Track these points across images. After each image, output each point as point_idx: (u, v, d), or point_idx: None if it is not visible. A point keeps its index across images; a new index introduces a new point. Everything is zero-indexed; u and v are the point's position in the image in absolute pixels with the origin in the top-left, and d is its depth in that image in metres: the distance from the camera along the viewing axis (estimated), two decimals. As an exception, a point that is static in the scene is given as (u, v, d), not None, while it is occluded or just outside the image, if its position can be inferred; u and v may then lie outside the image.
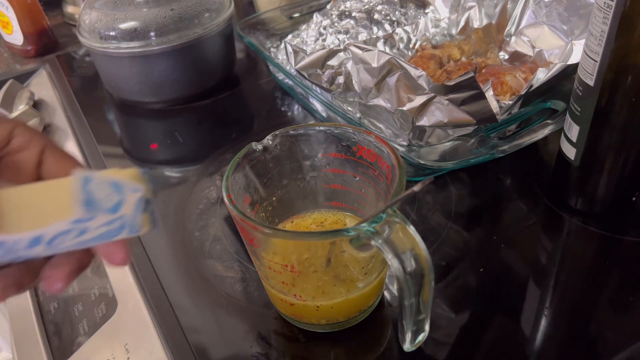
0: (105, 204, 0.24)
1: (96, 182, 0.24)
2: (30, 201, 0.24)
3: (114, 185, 0.24)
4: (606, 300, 0.37)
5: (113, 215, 0.24)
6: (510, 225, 0.44)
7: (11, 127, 0.26)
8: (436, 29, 0.66)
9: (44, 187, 0.25)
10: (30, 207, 0.24)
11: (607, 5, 0.33)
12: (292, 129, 0.36)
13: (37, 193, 0.25)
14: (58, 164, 0.26)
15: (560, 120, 0.45)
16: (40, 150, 0.26)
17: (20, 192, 0.24)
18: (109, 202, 0.24)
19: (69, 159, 0.27)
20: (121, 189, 0.24)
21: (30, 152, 0.26)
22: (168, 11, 0.60)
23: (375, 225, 0.27)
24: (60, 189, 0.24)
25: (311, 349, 0.35)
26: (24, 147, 0.26)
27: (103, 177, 0.24)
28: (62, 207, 0.24)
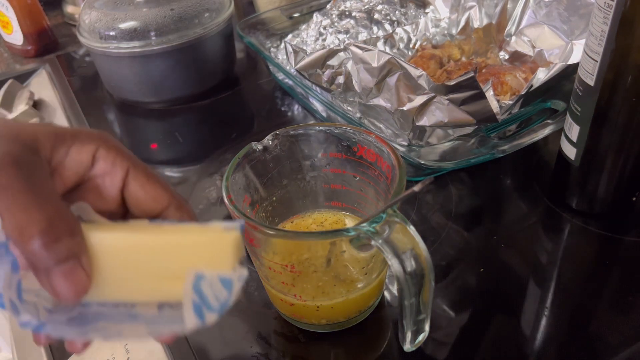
0: (214, 305, 0.21)
1: (207, 280, 0.21)
2: (132, 261, 0.22)
3: (223, 282, 0.21)
4: (606, 300, 0.37)
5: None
6: (511, 225, 0.44)
7: (94, 149, 0.24)
8: (436, 29, 0.66)
9: (155, 248, 0.22)
10: (129, 267, 0.22)
11: (608, 5, 0.33)
12: (292, 129, 0.36)
13: (142, 256, 0.22)
14: (141, 189, 0.25)
15: (561, 120, 0.45)
16: (123, 174, 0.24)
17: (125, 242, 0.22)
18: (217, 301, 0.21)
19: (151, 184, 0.25)
20: (231, 284, 0.21)
21: (114, 177, 0.24)
22: (168, 11, 0.60)
23: (375, 225, 0.27)
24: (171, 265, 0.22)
25: (311, 349, 0.35)
26: (107, 171, 0.24)
27: (214, 272, 0.21)
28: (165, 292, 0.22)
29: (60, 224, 0.20)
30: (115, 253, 0.22)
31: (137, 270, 0.22)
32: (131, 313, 0.23)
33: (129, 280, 0.22)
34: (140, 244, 0.22)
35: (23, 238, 0.20)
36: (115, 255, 0.22)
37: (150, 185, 0.25)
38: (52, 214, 0.20)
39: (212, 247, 0.22)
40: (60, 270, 0.20)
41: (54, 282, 0.20)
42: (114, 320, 0.23)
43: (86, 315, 0.23)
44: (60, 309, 0.22)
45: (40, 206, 0.20)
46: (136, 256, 0.22)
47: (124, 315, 0.23)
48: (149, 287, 0.23)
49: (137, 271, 0.22)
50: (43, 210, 0.20)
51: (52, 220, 0.20)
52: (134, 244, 0.22)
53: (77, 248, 0.21)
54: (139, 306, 0.23)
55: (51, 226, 0.20)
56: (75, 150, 0.23)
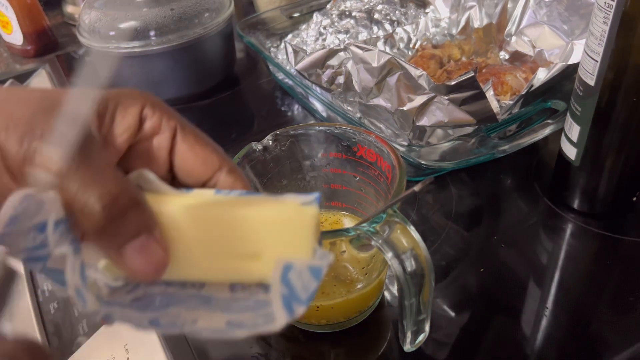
0: (302, 296, 0.19)
1: (296, 271, 0.19)
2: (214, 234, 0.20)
3: (313, 271, 0.19)
4: (607, 300, 0.37)
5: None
6: (511, 225, 0.44)
7: (139, 110, 0.22)
8: (436, 29, 0.65)
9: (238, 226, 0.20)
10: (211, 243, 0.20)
11: (608, 5, 0.33)
12: (292, 129, 0.36)
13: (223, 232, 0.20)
14: (191, 150, 0.22)
15: (561, 120, 0.45)
16: (171, 134, 0.22)
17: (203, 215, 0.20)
18: (306, 292, 0.19)
19: (200, 145, 0.23)
20: (320, 272, 0.19)
21: (161, 138, 0.22)
22: (168, 11, 0.60)
23: (375, 225, 0.27)
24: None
25: (311, 350, 0.35)
26: (156, 131, 0.22)
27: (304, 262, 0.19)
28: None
29: (123, 196, 0.19)
30: (184, 226, 0.20)
31: (207, 245, 0.20)
32: (202, 295, 0.21)
33: (199, 256, 0.20)
34: (211, 217, 0.20)
35: (86, 217, 0.18)
36: (184, 228, 0.20)
37: (199, 147, 0.23)
38: (112, 187, 0.19)
39: (290, 224, 0.20)
40: (133, 247, 0.19)
41: (128, 260, 0.19)
42: (186, 304, 0.20)
43: (153, 296, 0.21)
44: (124, 287, 0.20)
45: (99, 180, 0.18)
46: (207, 230, 0.20)
47: (196, 298, 0.20)
48: (220, 266, 0.21)
49: (208, 247, 0.20)
50: (102, 184, 0.18)
51: (114, 194, 0.18)
52: (205, 216, 0.20)
53: (146, 221, 0.19)
54: (209, 287, 0.21)
55: (114, 200, 0.18)
56: (120, 114, 0.21)
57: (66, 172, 0.18)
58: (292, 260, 0.19)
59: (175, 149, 0.23)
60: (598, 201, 0.42)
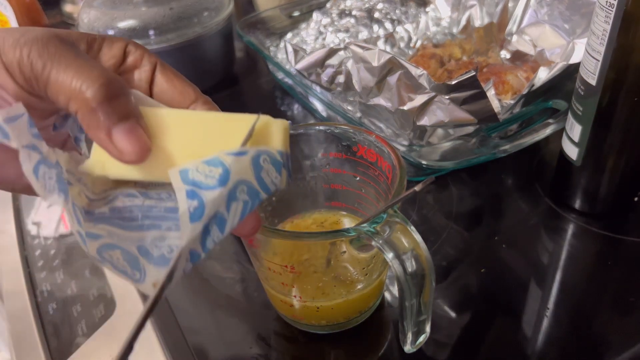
0: (267, 183, 0.22)
1: (264, 158, 0.22)
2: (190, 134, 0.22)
3: (274, 162, 0.22)
4: (608, 300, 0.37)
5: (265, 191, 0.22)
6: (512, 225, 0.44)
7: (124, 45, 0.25)
8: (437, 28, 0.65)
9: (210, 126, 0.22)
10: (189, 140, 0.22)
11: (609, 4, 0.33)
12: (292, 128, 0.36)
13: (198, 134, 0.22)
14: (169, 82, 0.25)
15: (562, 119, 0.45)
16: (152, 68, 0.25)
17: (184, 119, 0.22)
18: (269, 179, 0.22)
19: (178, 79, 0.26)
20: (280, 164, 0.22)
21: (143, 70, 0.25)
22: (167, 10, 0.60)
23: (375, 225, 0.27)
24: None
25: (311, 350, 0.35)
26: (137, 65, 0.25)
27: (268, 149, 0.22)
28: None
29: (116, 81, 0.21)
30: (165, 128, 0.22)
31: (187, 147, 0.22)
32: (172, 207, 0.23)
33: (179, 158, 0.22)
34: (190, 119, 0.23)
35: (84, 96, 0.20)
36: (165, 129, 0.22)
37: (177, 80, 0.25)
38: (107, 73, 0.21)
39: (264, 128, 0.23)
40: (123, 127, 0.21)
41: (117, 140, 0.21)
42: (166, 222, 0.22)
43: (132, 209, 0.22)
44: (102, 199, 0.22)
45: (95, 67, 0.21)
46: (186, 132, 0.22)
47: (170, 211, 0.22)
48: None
49: (187, 149, 0.22)
50: (99, 70, 0.21)
51: (108, 77, 0.21)
52: (185, 119, 0.23)
53: (135, 109, 0.22)
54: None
55: (109, 82, 0.21)
56: (106, 46, 0.24)
57: (64, 60, 0.21)
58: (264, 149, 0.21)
59: (155, 81, 0.25)
60: (599, 201, 0.42)
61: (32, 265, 0.47)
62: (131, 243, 0.22)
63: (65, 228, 0.50)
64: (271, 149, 0.22)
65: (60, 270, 0.45)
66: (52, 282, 0.44)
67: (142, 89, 0.25)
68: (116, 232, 0.22)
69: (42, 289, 0.44)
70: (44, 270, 0.46)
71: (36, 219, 0.52)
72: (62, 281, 0.44)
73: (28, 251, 0.49)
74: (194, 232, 0.20)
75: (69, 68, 0.21)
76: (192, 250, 0.21)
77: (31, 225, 0.52)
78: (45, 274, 0.46)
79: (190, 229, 0.20)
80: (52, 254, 0.47)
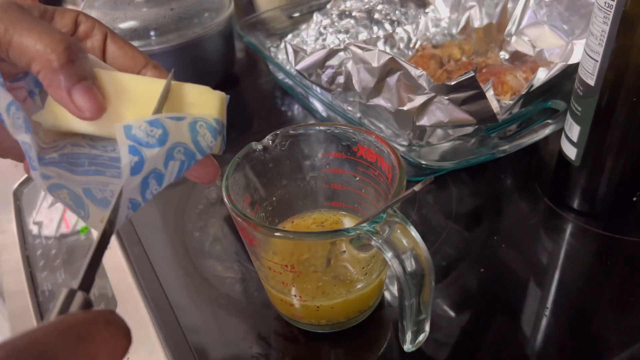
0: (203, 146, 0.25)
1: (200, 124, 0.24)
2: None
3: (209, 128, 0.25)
4: (607, 300, 0.37)
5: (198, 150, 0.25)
6: (511, 225, 0.44)
7: (75, 15, 0.26)
8: (436, 29, 0.65)
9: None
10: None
11: (608, 5, 0.33)
12: (292, 128, 0.36)
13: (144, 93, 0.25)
14: (120, 49, 0.27)
15: (561, 120, 0.45)
16: (103, 37, 0.26)
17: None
18: (205, 143, 0.25)
19: (129, 46, 0.27)
20: (215, 130, 0.25)
21: (95, 39, 0.26)
22: (168, 11, 0.60)
23: (375, 225, 0.27)
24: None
25: (311, 350, 0.35)
26: (89, 34, 0.26)
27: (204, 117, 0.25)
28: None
29: (75, 45, 0.23)
30: (115, 89, 0.24)
31: (132, 107, 0.25)
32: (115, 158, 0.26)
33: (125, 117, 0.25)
34: (136, 82, 0.25)
35: (49, 57, 0.22)
36: (115, 90, 0.24)
37: (128, 47, 0.27)
38: (68, 38, 0.23)
39: (203, 97, 0.26)
40: (81, 87, 0.23)
41: (76, 99, 0.23)
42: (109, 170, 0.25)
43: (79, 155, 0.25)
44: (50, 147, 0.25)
45: (55, 32, 0.23)
46: (133, 93, 0.25)
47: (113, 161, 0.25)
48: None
49: (132, 108, 0.25)
50: (60, 35, 0.23)
51: (69, 41, 0.23)
52: (132, 81, 0.25)
53: (90, 70, 0.24)
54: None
55: (70, 46, 0.23)
56: (58, 15, 0.26)
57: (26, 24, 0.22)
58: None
59: (106, 49, 0.27)
60: (598, 201, 0.42)
61: (33, 264, 0.47)
62: (77, 185, 0.25)
63: (67, 228, 0.50)
64: (208, 116, 0.25)
65: (62, 270, 0.45)
66: (54, 281, 0.45)
67: (95, 55, 0.26)
68: (64, 174, 0.25)
69: (43, 288, 0.45)
70: (45, 269, 0.46)
71: (37, 219, 0.52)
72: (63, 281, 0.44)
73: (29, 251, 0.49)
74: (133, 183, 0.23)
75: (31, 32, 0.22)
76: (132, 199, 0.23)
77: (32, 225, 0.52)
78: (47, 273, 0.46)
79: (130, 180, 0.22)
80: (53, 254, 0.47)
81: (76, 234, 0.49)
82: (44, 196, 0.54)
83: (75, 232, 0.49)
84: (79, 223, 0.49)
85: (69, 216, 0.51)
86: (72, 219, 0.50)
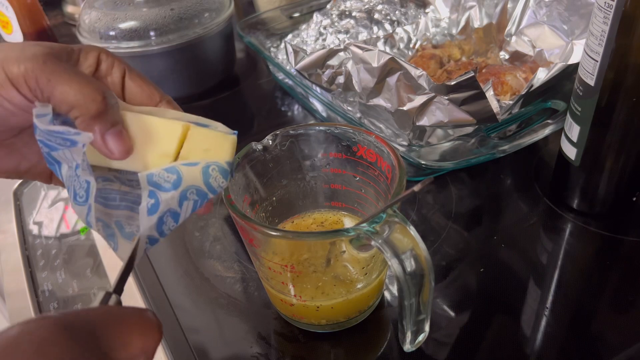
0: (215, 186, 0.27)
1: (213, 167, 0.27)
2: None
3: (221, 171, 0.27)
4: (607, 300, 0.37)
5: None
6: (511, 225, 0.44)
7: (97, 54, 0.28)
8: (436, 29, 0.65)
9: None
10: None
11: (608, 5, 0.33)
12: (292, 128, 0.36)
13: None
14: (138, 87, 0.29)
15: (561, 120, 0.45)
16: (122, 74, 0.28)
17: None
18: (216, 184, 0.27)
19: (146, 83, 0.29)
20: (227, 172, 0.28)
21: (114, 77, 0.28)
22: (168, 11, 0.60)
23: (375, 225, 0.27)
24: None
25: (311, 349, 0.35)
26: (109, 72, 0.28)
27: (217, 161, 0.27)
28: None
29: (110, 96, 0.26)
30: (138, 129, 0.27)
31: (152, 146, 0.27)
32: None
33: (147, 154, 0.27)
34: (156, 124, 0.27)
35: (88, 107, 0.25)
36: (138, 131, 0.26)
37: (145, 84, 0.29)
38: (103, 88, 0.25)
39: (218, 141, 0.28)
40: (113, 132, 0.25)
41: (108, 142, 0.25)
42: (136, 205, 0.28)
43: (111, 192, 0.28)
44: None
45: (92, 82, 0.25)
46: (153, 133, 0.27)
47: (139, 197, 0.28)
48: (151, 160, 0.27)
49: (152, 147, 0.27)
50: (96, 85, 0.25)
51: (105, 93, 0.25)
52: (151, 122, 0.27)
53: (120, 116, 0.26)
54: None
55: (106, 97, 0.25)
56: (83, 56, 0.28)
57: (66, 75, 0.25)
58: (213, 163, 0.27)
59: (125, 85, 0.29)
60: (598, 201, 0.42)
61: (33, 265, 0.47)
62: (110, 218, 0.27)
63: (67, 228, 0.50)
64: (220, 160, 0.28)
65: (62, 270, 0.45)
66: (54, 281, 0.45)
67: (115, 92, 0.28)
68: (100, 208, 0.27)
69: (43, 288, 0.45)
70: (46, 269, 0.46)
71: (37, 219, 0.52)
72: (63, 281, 0.44)
73: (29, 251, 0.49)
74: (150, 222, 0.26)
75: (72, 82, 0.24)
76: (150, 235, 0.26)
77: (32, 225, 0.52)
78: (47, 273, 0.46)
79: (147, 220, 0.26)
80: (54, 254, 0.47)
81: (76, 234, 0.49)
82: (44, 196, 0.54)
83: (75, 232, 0.49)
84: (79, 223, 0.49)
85: (69, 216, 0.51)
86: (72, 219, 0.50)
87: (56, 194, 0.54)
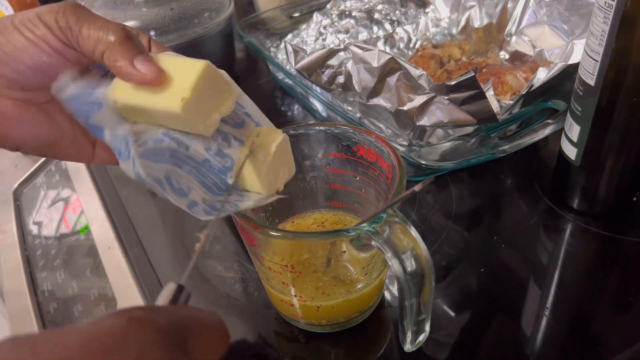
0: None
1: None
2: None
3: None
4: (607, 300, 0.37)
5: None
6: (511, 225, 0.44)
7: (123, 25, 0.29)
8: (436, 29, 0.65)
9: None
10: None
11: (608, 5, 0.33)
12: (292, 128, 0.36)
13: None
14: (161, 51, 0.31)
15: (561, 120, 0.45)
16: (147, 41, 0.31)
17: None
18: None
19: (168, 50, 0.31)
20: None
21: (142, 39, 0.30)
22: (168, 11, 0.60)
23: (375, 225, 0.27)
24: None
25: (311, 350, 0.35)
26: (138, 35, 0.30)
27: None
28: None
29: (130, 30, 0.28)
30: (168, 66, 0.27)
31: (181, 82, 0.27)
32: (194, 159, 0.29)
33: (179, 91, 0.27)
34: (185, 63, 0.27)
35: (110, 39, 0.27)
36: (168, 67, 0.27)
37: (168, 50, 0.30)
38: (125, 26, 0.28)
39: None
40: (141, 59, 0.26)
41: (139, 67, 0.26)
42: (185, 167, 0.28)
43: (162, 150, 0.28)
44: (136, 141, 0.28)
45: (113, 22, 0.28)
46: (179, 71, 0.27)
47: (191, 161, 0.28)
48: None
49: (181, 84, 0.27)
50: (116, 24, 0.28)
51: (126, 28, 0.28)
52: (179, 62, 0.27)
53: (143, 46, 0.28)
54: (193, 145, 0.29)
55: (126, 29, 0.28)
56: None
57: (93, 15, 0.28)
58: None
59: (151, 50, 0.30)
60: (598, 201, 0.42)
61: (33, 265, 0.47)
62: (159, 171, 0.27)
63: (67, 228, 0.50)
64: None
65: (61, 270, 0.45)
66: (53, 281, 0.45)
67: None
68: (148, 163, 0.27)
69: (43, 288, 0.45)
70: (45, 270, 0.46)
71: (37, 219, 0.52)
72: (63, 281, 0.44)
73: (29, 251, 0.49)
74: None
75: (97, 21, 0.27)
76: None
77: (32, 225, 0.52)
78: (47, 273, 0.46)
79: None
80: (53, 254, 0.47)
81: (76, 234, 0.49)
82: (44, 196, 0.54)
83: (75, 232, 0.49)
84: (79, 223, 0.49)
85: (68, 216, 0.51)
86: (72, 219, 0.50)
87: (56, 194, 0.54)
